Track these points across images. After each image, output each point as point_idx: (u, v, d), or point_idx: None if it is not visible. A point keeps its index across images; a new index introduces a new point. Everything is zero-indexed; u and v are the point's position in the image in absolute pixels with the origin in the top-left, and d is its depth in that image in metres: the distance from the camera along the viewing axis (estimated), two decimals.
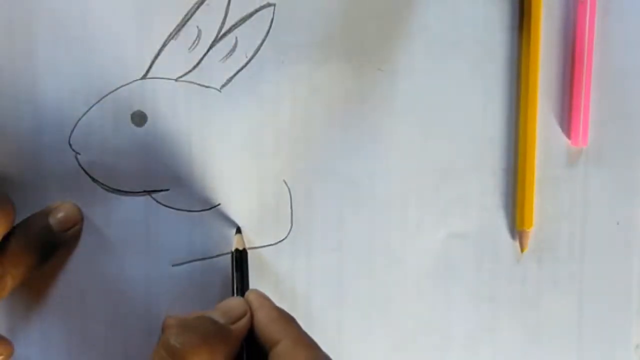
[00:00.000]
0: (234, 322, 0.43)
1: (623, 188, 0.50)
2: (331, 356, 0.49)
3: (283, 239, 0.49)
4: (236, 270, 0.46)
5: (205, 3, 0.47)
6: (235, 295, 0.46)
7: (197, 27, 0.47)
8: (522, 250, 0.50)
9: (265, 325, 0.43)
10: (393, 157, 0.49)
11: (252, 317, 0.44)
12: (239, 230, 0.48)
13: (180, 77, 0.47)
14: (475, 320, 0.51)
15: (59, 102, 0.47)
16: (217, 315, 0.43)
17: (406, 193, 0.49)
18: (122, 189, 0.47)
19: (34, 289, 0.48)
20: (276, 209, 0.49)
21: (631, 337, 0.51)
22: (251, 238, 0.48)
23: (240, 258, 0.46)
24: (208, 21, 0.47)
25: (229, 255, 0.48)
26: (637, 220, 0.51)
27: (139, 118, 0.47)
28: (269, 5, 0.47)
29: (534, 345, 0.51)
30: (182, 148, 0.47)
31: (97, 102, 0.47)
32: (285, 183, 0.49)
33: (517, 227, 0.50)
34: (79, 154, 0.47)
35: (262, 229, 0.49)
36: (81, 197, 0.47)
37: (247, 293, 0.45)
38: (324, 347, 0.47)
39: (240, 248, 0.47)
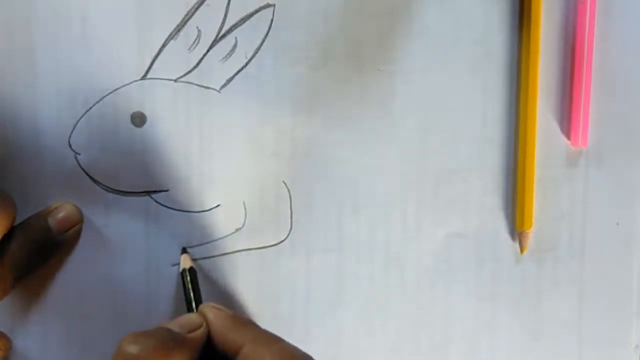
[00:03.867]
0: (190, 332, 0.42)
1: (623, 188, 0.50)
2: (331, 356, 0.49)
3: (283, 240, 0.49)
4: (189, 289, 0.46)
5: (205, 3, 0.47)
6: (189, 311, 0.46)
7: (197, 27, 0.47)
8: (522, 251, 0.50)
9: (224, 334, 0.43)
10: (393, 157, 0.49)
11: (209, 329, 0.43)
12: (184, 250, 0.48)
13: (180, 77, 0.47)
14: (475, 321, 0.51)
15: (58, 103, 0.47)
16: (173, 327, 0.42)
17: (406, 193, 0.49)
18: (122, 190, 0.48)
19: (34, 289, 0.48)
20: (276, 210, 0.49)
21: (631, 337, 0.51)
22: (251, 239, 0.48)
23: (190, 276, 0.46)
24: (208, 21, 0.47)
25: (229, 256, 0.48)
26: (637, 221, 0.51)
27: (139, 118, 0.47)
28: (268, 5, 0.47)
29: (534, 345, 0.51)
30: (181, 149, 0.47)
31: (96, 103, 0.47)
32: (285, 184, 0.49)
33: (516, 227, 0.50)
34: (79, 155, 0.47)
35: (262, 229, 0.49)
36: (81, 197, 0.47)
37: (201, 307, 0.45)
38: (324, 347, 0.47)
39: (188, 267, 0.47)
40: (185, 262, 0.47)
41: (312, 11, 0.48)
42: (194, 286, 0.46)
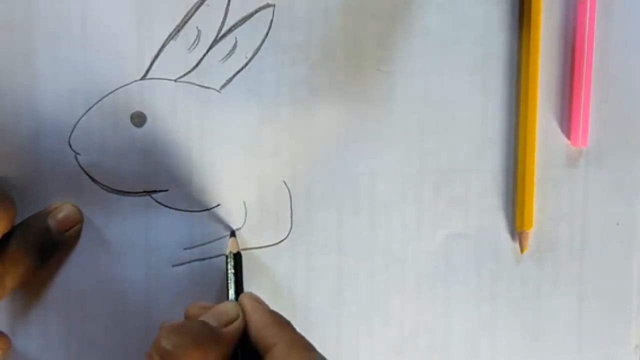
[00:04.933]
0: (226, 326, 0.43)
1: (623, 188, 0.50)
2: (331, 356, 0.49)
3: (283, 240, 0.49)
4: (231, 274, 0.46)
5: (205, 3, 0.47)
6: (229, 298, 0.46)
7: (197, 27, 0.47)
8: (522, 251, 0.50)
9: (260, 329, 0.43)
10: (393, 158, 0.49)
11: (245, 321, 0.43)
12: (233, 234, 0.48)
13: (180, 77, 0.47)
14: (475, 321, 0.51)
15: (58, 103, 0.47)
16: (209, 319, 0.43)
17: (406, 193, 0.49)
18: (122, 190, 0.48)
19: (34, 289, 0.48)
20: (276, 210, 0.49)
21: (631, 337, 0.51)
22: (251, 238, 0.48)
23: (235, 261, 0.46)
24: (208, 22, 0.47)
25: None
26: (637, 221, 0.51)
27: (139, 119, 0.47)
28: (268, 5, 0.47)
29: (534, 345, 0.51)
30: (181, 149, 0.47)
31: (96, 103, 0.47)
32: (285, 184, 0.49)
33: (517, 228, 0.50)
34: (79, 155, 0.47)
35: (262, 229, 0.49)
36: (81, 197, 0.47)
37: (241, 296, 0.45)
38: (324, 347, 0.47)
39: (235, 251, 0.47)
40: (233, 246, 0.47)
41: (312, 11, 0.48)
42: (238, 273, 0.46)
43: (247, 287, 0.48)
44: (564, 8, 0.49)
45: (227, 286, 0.46)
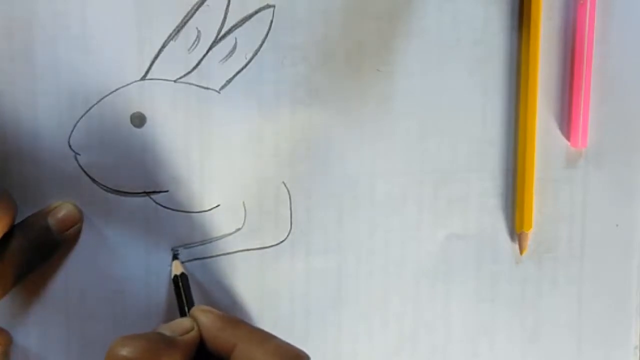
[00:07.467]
0: (181, 336, 0.42)
1: (622, 190, 0.50)
2: (331, 356, 0.49)
3: (282, 241, 0.49)
4: (180, 294, 0.46)
5: (205, 4, 0.47)
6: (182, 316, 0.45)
7: (197, 28, 0.47)
8: (521, 252, 0.50)
9: (216, 335, 0.43)
10: (392, 158, 0.49)
11: (200, 331, 0.43)
12: (175, 256, 0.48)
13: (180, 78, 0.47)
14: (475, 321, 0.51)
15: (58, 103, 0.47)
16: (164, 330, 0.42)
17: (405, 194, 0.49)
18: (121, 190, 0.48)
19: (34, 288, 0.48)
20: (275, 211, 0.49)
21: (631, 338, 0.51)
22: (251, 239, 0.48)
23: (182, 282, 0.46)
24: (207, 22, 0.47)
25: (229, 256, 0.48)
26: (636, 222, 0.51)
27: (139, 119, 0.47)
28: (268, 6, 0.47)
29: (533, 346, 0.51)
30: (181, 149, 0.47)
31: (96, 103, 0.47)
32: (285, 184, 0.49)
33: (516, 228, 0.50)
34: (79, 155, 0.47)
35: (262, 230, 0.49)
36: (81, 197, 0.47)
37: (192, 310, 0.45)
38: (324, 347, 0.47)
39: (179, 273, 0.47)
40: (177, 268, 0.47)
41: (312, 11, 0.48)
42: (186, 291, 0.46)
43: (247, 288, 0.48)
44: (564, 8, 0.49)
45: (179, 307, 0.46)
